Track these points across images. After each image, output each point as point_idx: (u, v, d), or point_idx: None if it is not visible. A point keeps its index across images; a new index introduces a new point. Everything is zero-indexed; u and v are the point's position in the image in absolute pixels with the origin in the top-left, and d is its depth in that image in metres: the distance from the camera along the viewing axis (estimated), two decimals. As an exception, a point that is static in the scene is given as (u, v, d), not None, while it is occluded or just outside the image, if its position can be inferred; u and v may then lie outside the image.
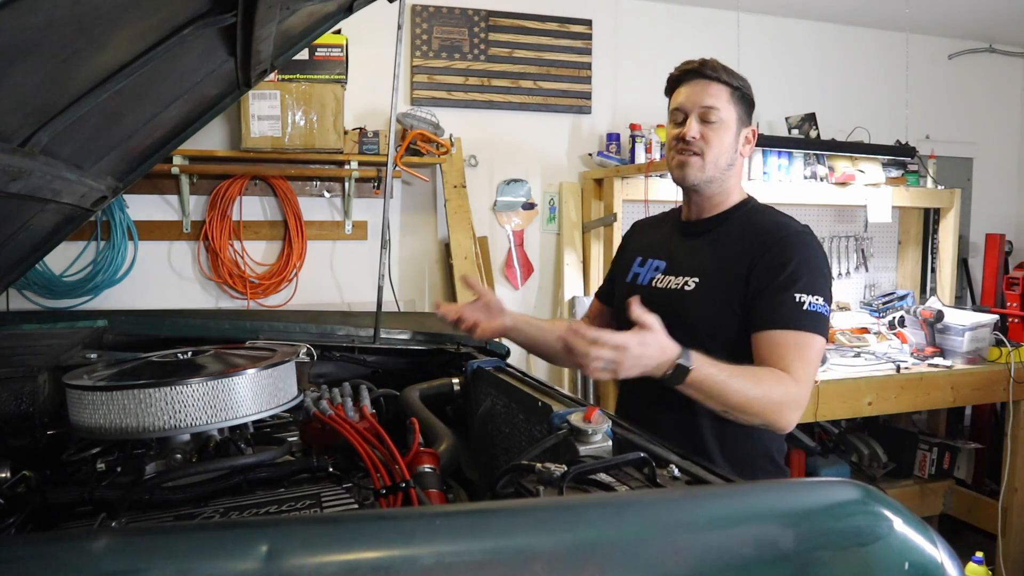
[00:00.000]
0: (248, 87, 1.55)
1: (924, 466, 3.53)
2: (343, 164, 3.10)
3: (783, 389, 1.29)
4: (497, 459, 1.41)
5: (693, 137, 1.46)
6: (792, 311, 1.34)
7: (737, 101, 1.49)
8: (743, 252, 1.43)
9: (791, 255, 1.38)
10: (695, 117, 1.47)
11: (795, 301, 1.34)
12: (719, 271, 1.45)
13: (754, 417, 1.29)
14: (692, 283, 1.47)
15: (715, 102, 1.46)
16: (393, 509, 0.93)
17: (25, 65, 0.80)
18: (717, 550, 0.70)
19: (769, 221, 1.49)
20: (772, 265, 1.38)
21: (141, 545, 0.61)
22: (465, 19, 3.45)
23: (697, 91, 1.47)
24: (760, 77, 3.84)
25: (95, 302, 2.96)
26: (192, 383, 1.04)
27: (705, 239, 1.53)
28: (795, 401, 1.30)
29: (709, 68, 1.48)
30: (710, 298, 1.43)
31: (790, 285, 1.35)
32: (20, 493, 1.01)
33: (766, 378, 1.30)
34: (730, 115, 1.47)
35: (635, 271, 1.61)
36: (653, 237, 1.66)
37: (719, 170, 1.48)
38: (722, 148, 1.47)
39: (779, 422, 1.31)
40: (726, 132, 1.47)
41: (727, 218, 1.53)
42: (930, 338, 3.36)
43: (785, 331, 1.33)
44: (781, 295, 1.35)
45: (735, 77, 1.50)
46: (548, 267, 3.64)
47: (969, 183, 4.50)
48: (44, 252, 1.74)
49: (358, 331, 1.86)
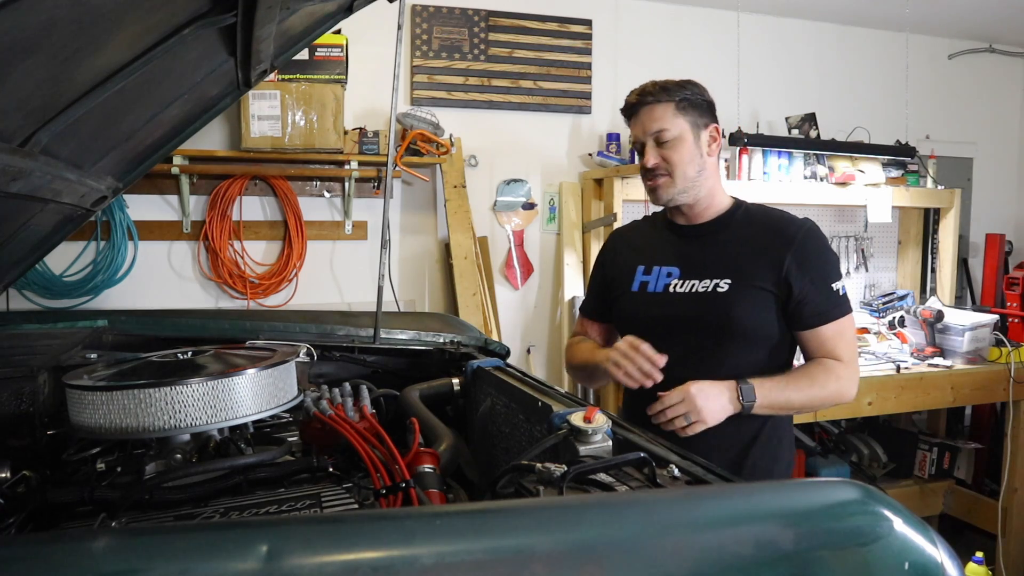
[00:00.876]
0: (248, 87, 1.55)
1: (924, 466, 3.53)
2: (343, 164, 3.10)
3: (838, 382, 1.48)
4: (497, 459, 1.41)
5: (655, 163, 1.54)
6: (834, 300, 1.51)
7: (684, 111, 1.54)
8: (768, 249, 1.52)
9: (813, 250, 1.52)
10: (650, 144, 1.55)
11: (832, 291, 1.51)
12: (749, 270, 1.51)
13: (822, 406, 1.50)
14: (724, 284, 1.51)
15: (661, 123, 1.52)
16: (393, 509, 0.93)
17: (25, 65, 0.80)
18: (717, 550, 0.70)
19: (775, 217, 1.58)
20: (804, 264, 1.50)
21: (141, 545, 0.61)
22: (465, 19, 3.45)
23: (644, 119, 1.55)
24: (760, 77, 3.87)
25: (95, 302, 2.96)
26: (192, 383, 1.04)
27: (715, 241, 1.57)
28: (851, 380, 1.50)
29: (648, 94, 1.54)
30: (746, 296, 1.50)
31: (824, 280, 1.50)
32: (20, 493, 1.01)
33: (820, 374, 1.48)
34: (680, 128, 1.53)
35: (641, 280, 1.61)
36: (646, 245, 1.67)
37: (689, 180, 1.54)
38: (684, 161, 1.53)
39: (844, 399, 1.51)
40: (682, 145, 1.53)
41: (730, 219, 1.58)
42: (930, 338, 3.36)
43: (834, 322, 1.50)
44: (822, 291, 1.50)
45: (677, 90, 1.54)
46: (548, 267, 3.64)
47: (969, 183, 4.50)
48: (44, 252, 1.74)
49: (358, 331, 1.86)
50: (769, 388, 1.45)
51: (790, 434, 1.63)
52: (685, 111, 1.53)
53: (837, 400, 1.51)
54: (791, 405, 1.48)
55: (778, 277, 1.49)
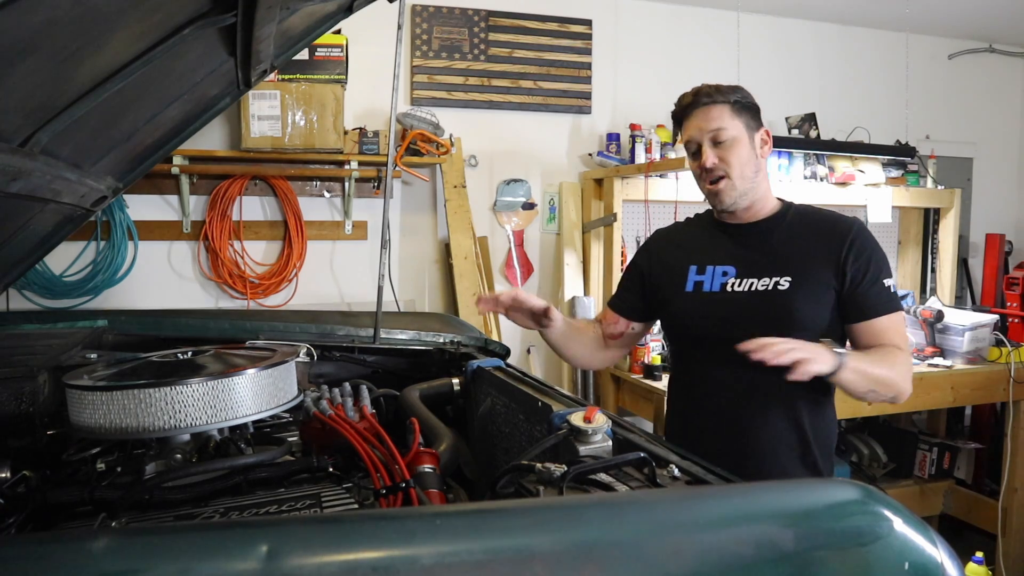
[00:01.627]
0: (248, 87, 1.55)
1: (924, 466, 3.53)
2: (343, 164, 3.10)
3: (903, 365, 1.49)
4: (497, 459, 1.41)
5: (713, 164, 1.53)
6: (886, 298, 1.52)
7: (739, 112, 1.54)
8: (824, 245, 1.53)
9: (867, 246, 1.53)
10: (708, 144, 1.54)
11: (885, 286, 1.52)
12: (808, 268, 1.52)
13: (889, 390, 1.46)
14: (785, 282, 1.51)
15: (719, 123, 1.53)
16: (393, 509, 0.93)
17: (25, 65, 0.79)
18: (717, 550, 0.70)
19: (827, 216, 1.60)
20: (860, 258, 1.51)
21: (141, 545, 0.61)
22: (465, 19, 3.45)
23: (700, 119, 1.55)
24: (760, 77, 3.86)
25: (95, 302, 2.96)
26: (192, 383, 1.04)
27: (770, 239, 1.57)
28: (910, 368, 1.50)
29: (704, 95, 1.55)
30: (807, 293, 1.51)
31: (878, 275, 1.51)
32: (20, 493, 1.01)
33: (888, 356, 1.48)
34: (737, 129, 1.53)
35: (695, 279, 1.60)
36: (695, 244, 1.66)
37: (748, 181, 1.55)
38: (742, 162, 1.54)
39: (904, 392, 1.49)
40: (740, 146, 1.54)
41: (782, 219, 1.60)
42: (930, 338, 3.36)
43: (888, 316, 1.51)
44: (876, 286, 1.51)
45: (731, 92, 1.55)
46: (548, 267, 3.64)
47: (969, 183, 4.50)
48: (44, 252, 1.74)
49: (358, 331, 1.86)
50: (854, 354, 1.45)
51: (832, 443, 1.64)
52: (740, 113, 1.54)
53: (900, 386, 1.47)
54: (873, 375, 1.44)
55: (836, 271, 1.51)
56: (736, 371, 1.46)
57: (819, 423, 1.56)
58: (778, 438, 1.52)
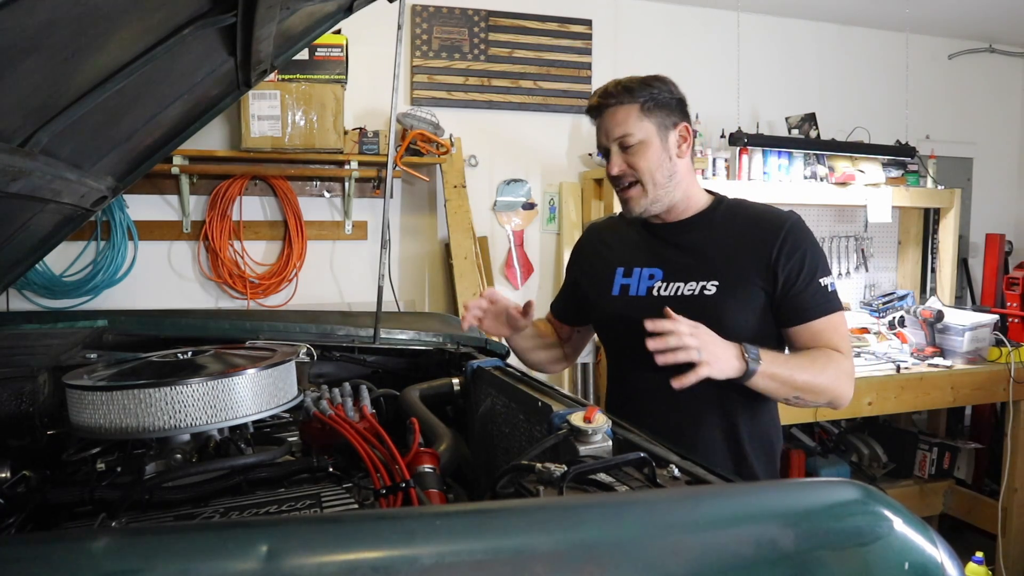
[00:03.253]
0: (248, 87, 1.55)
1: (924, 466, 3.53)
2: (343, 164, 3.10)
3: (838, 367, 1.39)
4: (497, 459, 1.41)
5: (620, 170, 1.46)
6: (824, 296, 1.43)
7: (649, 112, 1.44)
8: (753, 244, 1.45)
9: (800, 244, 1.44)
10: (615, 150, 1.47)
11: (821, 286, 1.43)
12: (736, 270, 1.44)
13: (820, 397, 1.39)
14: (712, 286, 1.44)
15: (625, 127, 1.44)
16: (393, 509, 0.93)
17: (25, 65, 0.79)
18: (717, 550, 0.70)
19: (758, 211, 1.51)
20: (792, 258, 1.43)
21: (141, 545, 0.61)
22: (465, 19, 3.45)
23: (607, 123, 1.47)
24: (760, 77, 3.87)
25: (95, 302, 2.96)
26: (192, 383, 1.04)
27: (697, 240, 1.50)
28: (849, 375, 1.41)
29: (611, 95, 1.46)
30: (736, 297, 1.43)
31: (813, 275, 1.43)
32: (20, 493, 1.01)
33: (821, 359, 1.39)
34: (645, 132, 1.44)
35: (622, 282, 1.54)
36: (624, 244, 1.59)
37: (660, 187, 1.47)
38: (652, 167, 1.45)
39: (842, 398, 1.40)
40: (648, 149, 1.44)
41: (710, 216, 1.52)
42: (930, 338, 3.36)
43: (825, 317, 1.43)
44: (811, 287, 1.43)
45: (641, 89, 1.45)
46: (548, 267, 3.64)
47: (969, 183, 4.50)
48: (44, 252, 1.74)
49: (358, 331, 1.86)
50: (773, 357, 1.35)
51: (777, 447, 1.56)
52: (651, 112, 1.44)
53: (834, 391, 1.39)
54: (793, 381, 1.36)
55: (767, 273, 1.43)
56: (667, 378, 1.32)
57: (756, 430, 1.49)
58: (712, 448, 1.44)
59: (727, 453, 1.47)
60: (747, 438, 1.48)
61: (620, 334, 1.54)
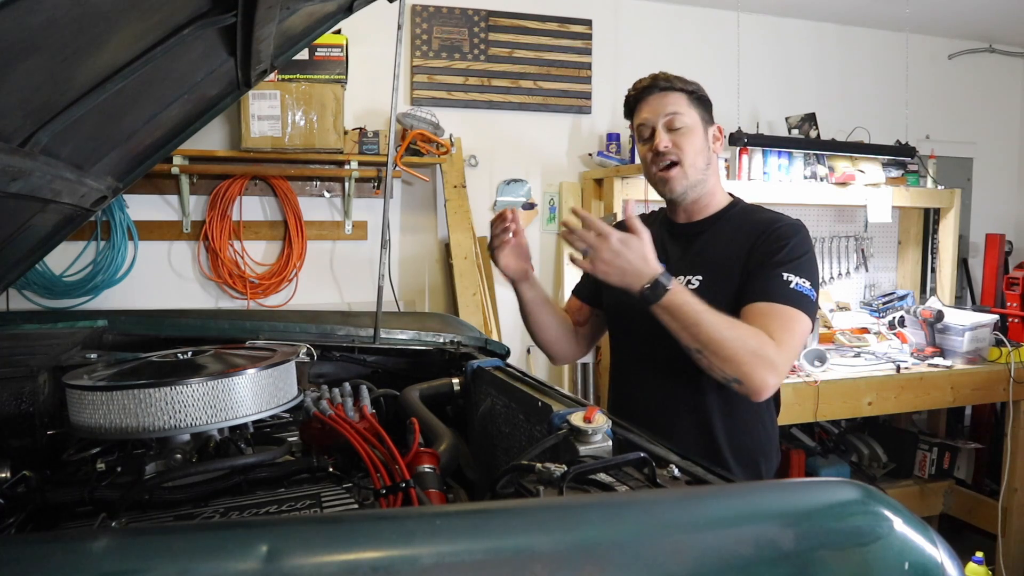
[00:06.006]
0: (248, 87, 1.55)
1: (924, 466, 3.53)
2: (343, 164, 3.10)
3: (760, 341, 1.30)
4: (497, 459, 1.41)
5: (666, 147, 1.49)
6: (780, 287, 1.37)
7: (696, 104, 1.53)
8: (741, 244, 1.47)
9: (785, 240, 1.43)
10: (662, 128, 1.51)
11: (783, 279, 1.38)
12: (720, 266, 1.48)
13: (727, 363, 1.29)
14: (696, 280, 1.49)
15: (676, 108, 1.50)
16: (393, 509, 0.93)
17: (25, 65, 0.79)
18: (717, 550, 0.70)
19: (764, 217, 1.53)
20: (767, 249, 1.42)
21: (141, 545, 0.61)
22: (465, 19, 3.45)
23: (656, 103, 1.52)
24: (760, 77, 3.87)
25: (95, 302, 2.96)
26: (192, 383, 1.04)
27: (701, 239, 1.55)
28: (771, 360, 1.30)
29: (662, 80, 1.52)
30: (715, 293, 1.43)
31: (780, 264, 1.39)
32: (20, 493, 1.01)
33: (743, 327, 1.32)
34: (693, 118, 1.51)
35: None
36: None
37: (699, 172, 1.52)
38: (695, 150, 1.51)
39: (752, 375, 1.29)
40: (694, 135, 1.51)
41: (721, 218, 1.56)
42: (930, 338, 3.36)
43: (772, 303, 1.37)
44: (771, 271, 1.39)
45: (688, 83, 1.53)
46: (548, 267, 3.64)
47: (969, 183, 4.50)
48: (44, 252, 1.74)
49: (358, 331, 1.86)
50: (688, 298, 1.30)
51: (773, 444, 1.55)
52: (696, 104, 1.52)
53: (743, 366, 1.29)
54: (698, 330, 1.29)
55: (745, 262, 1.44)
56: (654, 371, 1.46)
57: (735, 432, 1.49)
58: (687, 446, 1.43)
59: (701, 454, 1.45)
60: (726, 444, 1.47)
61: (625, 323, 1.60)
